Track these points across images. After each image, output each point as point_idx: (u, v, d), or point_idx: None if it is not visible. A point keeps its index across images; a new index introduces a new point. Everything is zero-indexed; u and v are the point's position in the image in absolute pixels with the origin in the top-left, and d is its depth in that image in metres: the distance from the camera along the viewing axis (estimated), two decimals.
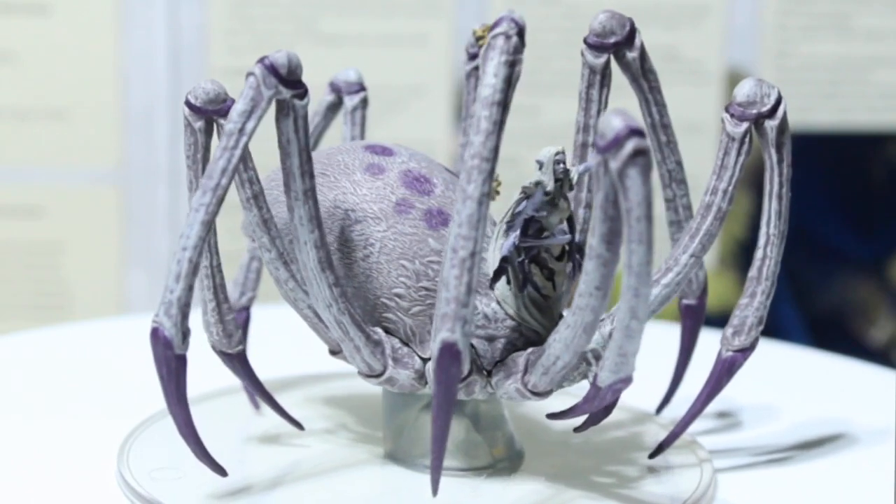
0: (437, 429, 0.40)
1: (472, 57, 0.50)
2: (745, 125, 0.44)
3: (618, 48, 0.45)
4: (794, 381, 0.63)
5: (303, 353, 0.55)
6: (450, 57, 1.03)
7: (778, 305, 1.08)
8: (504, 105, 0.39)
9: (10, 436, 0.51)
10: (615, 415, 0.54)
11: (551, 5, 1.03)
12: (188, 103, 0.44)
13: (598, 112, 0.46)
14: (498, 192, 0.46)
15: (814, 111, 1.07)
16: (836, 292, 1.09)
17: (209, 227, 0.41)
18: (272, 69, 0.40)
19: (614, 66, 0.46)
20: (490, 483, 0.46)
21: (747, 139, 0.44)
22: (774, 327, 1.06)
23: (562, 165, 0.42)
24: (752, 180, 1.08)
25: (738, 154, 0.44)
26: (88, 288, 1.03)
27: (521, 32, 0.40)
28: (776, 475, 0.49)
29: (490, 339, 0.44)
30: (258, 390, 0.49)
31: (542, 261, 0.43)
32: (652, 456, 0.48)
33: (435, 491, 0.41)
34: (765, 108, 0.44)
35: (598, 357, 0.41)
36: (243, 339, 0.48)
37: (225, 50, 0.99)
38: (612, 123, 0.36)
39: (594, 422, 0.44)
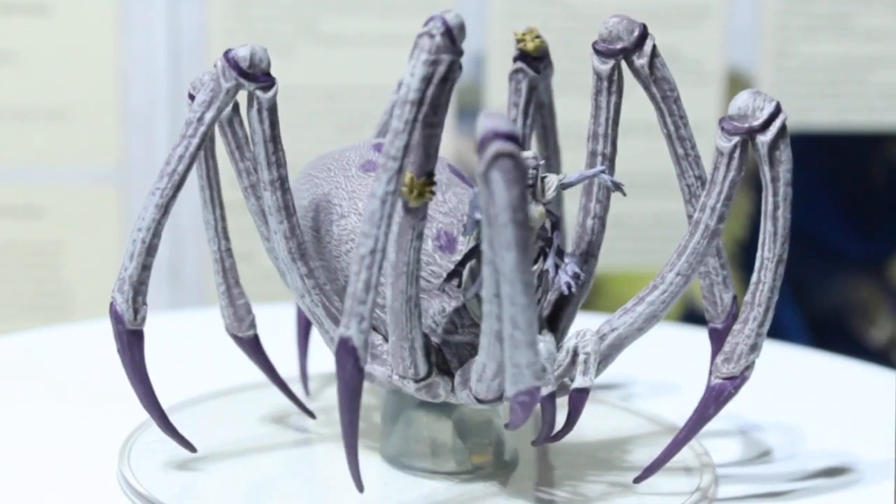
0: (343, 424, 0.41)
1: (516, 59, 0.49)
2: (734, 140, 0.41)
3: (626, 54, 0.44)
4: (794, 381, 0.63)
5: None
6: None
7: (778, 305, 1.08)
8: (419, 103, 0.39)
9: (11, 436, 0.51)
10: (618, 417, 0.54)
11: (551, 5, 1.03)
12: (191, 96, 0.45)
13: (607, 120, 0.45)
14: (433, 193, 0.42)
15: (814, 111, 1.07)
16: (836, 292, 1.09)
17: (164, 209, 0.43)
18: (233, 62, 0.42)
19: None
20: (456, 488, 0.45)
21: (737, 155, 0.41)
22: (774, 327, 1.06)
23: (532, 171, 0.42)
24: (752, 180, 1.08)
25: (728, 170, 0.41)
26: (88, 288, 1.03)
27: (448, 32, 0.39)
28: (776, 475, 0.49)
29: (455, 343, 0.44)
30: (270, 376, 0.50)
31: None
32: (637, 480, 0.46)
33: (359, 487, 0.41)
34: (756, 123, 0.41)
35: (543, 368, 0.41)
36: (255, 323, 0.49)
37: (225, 50, 0.99)
38: (478, 125, 0.35)
39: (548, 436, 0.43)
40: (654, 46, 0.44)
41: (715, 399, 0.43)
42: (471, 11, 1.03)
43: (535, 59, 0.47)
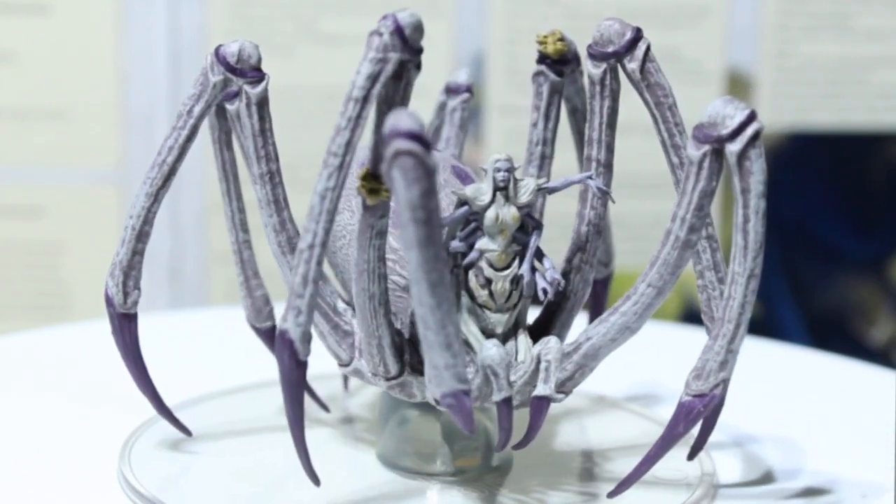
0: (288, 417, 0.41)
1: (538, 61, 0.48)
2: (704, 148, 0.39)
3: (618, 58, 0.43)
4: (794, 381, 0.63)
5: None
6: (450, 57, 1.03)
7: (778, 305, 1.08)
8: (364, 101, 0.39)
9: (11, 436, 0.51)
10: (619, 419, 0.54)
11: (551, 5, 1.03)
12: None
13: (601, 125, 0.44)
14: (388, 192, 0.41)
15: (814, 111, 1.07)
16: (836, 292, 1.09)
17: (153, 197, 0.45)
18: (221, 57, 0.43)
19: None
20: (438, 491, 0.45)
21: (706, 164, 0.39)
22: (774, 327, 1.06)
23: (503, 173, 0.42)
24: None
25: (697, 180, 0.39)
26: (88, 288, 1.03)
27: (398, 31, 0.39)
28: (776, 475, 0.49)
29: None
30: None
31: (480, 268, 0.42)
32: (611, 495, 0.44)
33: (314, 481, 0.42)
34: (725, 131, 0.39)
35: (494, 373, 0.41)
36: (273, 314, 0.50)
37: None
38: (385, 123, 0.35)
39: (505, 443, 0.42)
40: (648, 50, 0.43)
41: (685, 417, 0.42)
42: (471, 11, 1.03)
43: (556, 63, 0.46)
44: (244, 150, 0.45)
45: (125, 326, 0.47)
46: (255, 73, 0.43)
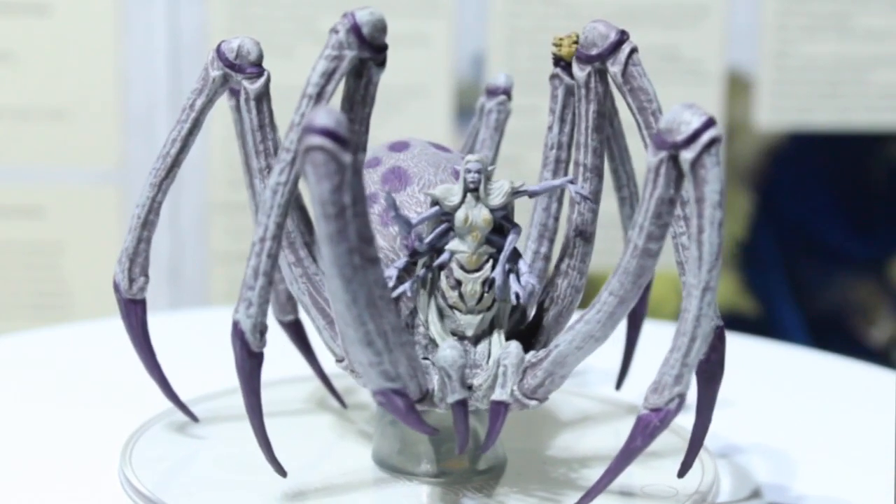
0: (246, 407, 0.42)
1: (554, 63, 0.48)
2: (660, 154, 0.37)
3: (601, 61, 0.42)
4: (794, 381, 0.63)
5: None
6: (450, 57, 1.03)
7: (778, 305, 1.08)
8: (317, 98, 0.39)
9: (12, 436, 0.51)
10: (618, 417, 0.54)
11: (551, 5, 1.03)
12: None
13: (587, 129, 0.43)
14: None
15: (814, 111, 1.07)
16: (836, 292, 1.09)
17: (157, 188, 0.46)
18: (221, 53, 0.44)
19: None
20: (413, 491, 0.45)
21: (662, 171, 0.37)
22: (774, 327, 1.06)
23: (472, 174, 0.42)
24: (751, 180, 1.08)
25: (654, 187, 0.38)
26: (88, 288, 1.03)
27: (355, 28, 0.39)
28: (776, 475, 0.49)
29: (408, 344, 0.44)
30: (309, 360, 0.53)
31: (450, 269, 0.42)
32: None
33: (281, 472, 0.43)
34: (679, 138, 0.37)
35: (447, 374, 0.40)
36: (297, 308, 0.51)
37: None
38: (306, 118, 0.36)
39: (462, 445, 0.42)
40: (632, 53, 0.42)
41: (641, 431, 0.40)
42: (471, 11, 1.03)
43: (571, 65, 0.45)
44: (244, 144, 0.45)
45: (132, 311, 0.48)
46: (254, 69, 0.44)
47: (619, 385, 0.54)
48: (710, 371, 0.44)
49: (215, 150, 1.00)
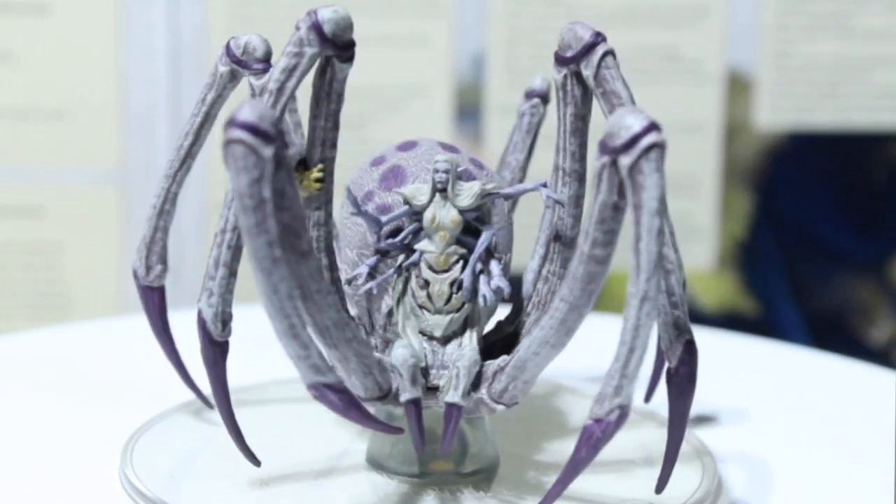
0: (213, 396, 0.43)
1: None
2: (603, 159, 0.36)
3: (577, 63, 0.42)
4: (794, 381, 0.63)
5: None
6: (450, 57, 1.03)
7: (778, 305, 1.08)
8: (278, 93, 0.40)
9: (11, 436, 0.51)
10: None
11: (551, 5, 1.03)
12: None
13: (564, 132, 0.43)
14: (321, 182, 0.42)
15: (814, 111, 1.07)
16: (836, 292, 1.09)
17: (172, 178, 0.47)
18: (229, 49, 0.45)
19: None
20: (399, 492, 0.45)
21: (605, 175, 0.36)
22: (774, 327, 1.06)
23: (440, 174, 0.42)
24: (751, 180, 1.08)
25: (598, 192, 0.36)
26: (88, 288, 1.03)
27: (315, 26, 0.40)
28: (777, 475, 0.49)
29: (387, 342, 0.44)
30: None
31: (419, 269, 0.42)
32: None
33: (253, 462, 0.44)
34: (619, 142, 0.35)
35: (399, 373, 0.41)
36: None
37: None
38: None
39: (418, 444, 0.41)
40: (605, 56, 0.41)
41: (585, 442, 0.39)
42: (471, 11, 1.03)
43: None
44: None
45: (149, 298, 0.49)
46: (259, 66, 0.45)
47: (647, 398, 0.52)
48: (680, 385, 0.43)
49: (215, 150, 1.00)
